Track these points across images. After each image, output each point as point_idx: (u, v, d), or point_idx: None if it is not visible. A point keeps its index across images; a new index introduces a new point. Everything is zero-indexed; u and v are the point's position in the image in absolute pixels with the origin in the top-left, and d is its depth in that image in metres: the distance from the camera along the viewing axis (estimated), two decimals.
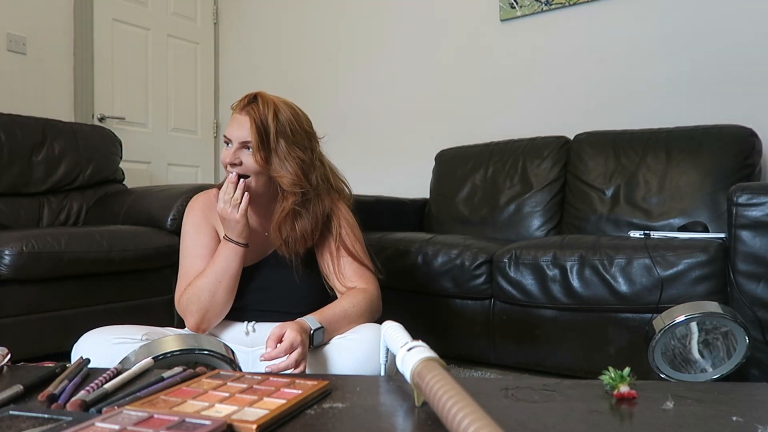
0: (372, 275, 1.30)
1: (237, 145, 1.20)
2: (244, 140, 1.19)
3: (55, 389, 0.66)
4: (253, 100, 1.22)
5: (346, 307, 1.18)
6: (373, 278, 1.30)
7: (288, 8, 3.60)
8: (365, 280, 1.27)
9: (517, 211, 2.42)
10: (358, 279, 1.27)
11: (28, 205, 2.46)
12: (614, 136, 2.32)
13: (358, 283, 1.26)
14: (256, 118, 1.18)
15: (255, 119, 1.18)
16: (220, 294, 1.18)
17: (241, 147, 1.20)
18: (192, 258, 1.27)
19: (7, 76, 2.85)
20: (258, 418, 0.56)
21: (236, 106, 1.23)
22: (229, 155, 1.20)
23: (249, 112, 1.20)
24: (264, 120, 1.19)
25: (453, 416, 0.50)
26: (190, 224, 1.31)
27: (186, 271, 1.26)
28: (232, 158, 1.20)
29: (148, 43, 3.48)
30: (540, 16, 2.71)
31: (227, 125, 1.24)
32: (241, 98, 1.24)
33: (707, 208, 2.00)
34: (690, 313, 1.04)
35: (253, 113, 1.19)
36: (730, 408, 0.66)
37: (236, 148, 1.20)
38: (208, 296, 1.18)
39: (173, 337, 0.82)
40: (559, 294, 1.78)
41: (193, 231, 1.30)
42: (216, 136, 3.87)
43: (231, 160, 1.20)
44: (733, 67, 2.26)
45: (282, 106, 1.23)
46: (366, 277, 1.28)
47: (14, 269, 1.77)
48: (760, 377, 1.46)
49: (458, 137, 2.84)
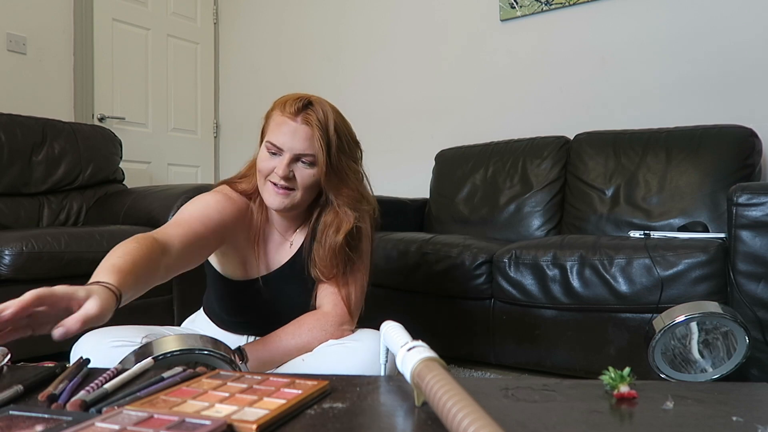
0: (344, 303, 1.12)
1: (291, 156, 1.05)
2: (301, 152, 1.04)
3: (55, 389, 0.66)
4: (309, 105, 1.06)
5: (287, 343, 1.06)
6: (344, 308, 1.12)
7: (288, 8, 3.60)
8: (335, 308, 1.12)
9: (517, 211, 2.42)
10: (331, 304, 1.12)
11: (28, 205, 2.46)
12: (614, 136, 2.32)
13: (325, 304, 1.12)
14: (320, 130, 1.04)
15: (320, 131, 1.04)
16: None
17: (295, 160, 1.06)
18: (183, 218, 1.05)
19: (7, 76, 2.85)
20: (258, 418, 0.56)
21: (285, 110, 1.06)
22: (281, 167, 1.04)
23: (309, 121, 1.04)
24: (326, 131, 1.04)
25: (453, 416, 0.50)
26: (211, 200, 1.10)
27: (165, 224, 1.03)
28: (285, 171, 1.05)
29: (148, 43, 3.48)
30: (540, 16, 2.71)
31: (272, 130, 1.07)
32: (288, 99, 1.07)
33: (707, 208, 2.00)
34: (690, 313, 1.04)
35: (315, 123, 1.04)
36: (730, 408, 0.66)
37: (290, 160, 1.05)
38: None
39: (173, 337, 0.82)
40: (559, 294, 1.78)
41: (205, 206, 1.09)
42: (216, 136, 3.87)
43: (285, 174, 1.05)
44: (733, 67, 2.26)
45: (336, 116, 1.09)
46: (337, 306, 1.12)
47: (14, 269, 1.78)
48: (760, 377, 1.46)
49: (458, 137, 2.84)
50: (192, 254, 1.02)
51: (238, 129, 3.81)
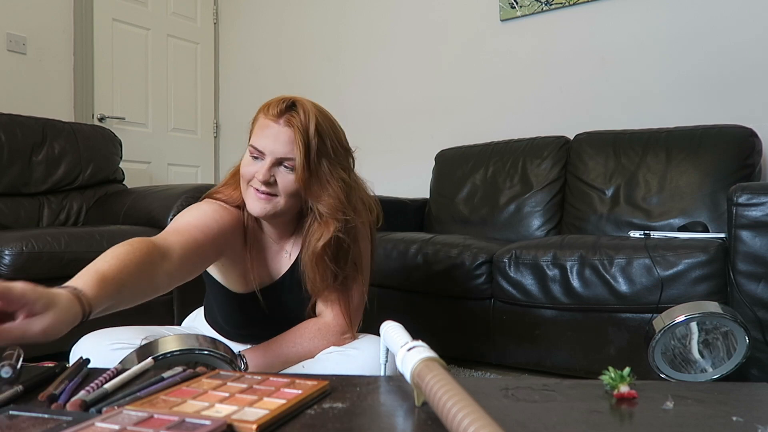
0: (345, 313, 1.12)
1: (272, 160, 1.01)
2: (282, 156, 1.01)
3: (56, 389, 0.66)
4: (292, 107, 1.02)
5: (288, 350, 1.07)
6: (342, 314, 1.12)
7: (288, 8, 3.60)
8: (336, 318, 1.12)
9: (517, 211, 2.42)
10: (332, 314, 1.13)
11: (28, 205, 2.46)
12: (614, 136, 2.32)
13: (326, 314, 1.13)
14: (301, 133, 1.00)
15: (300, 134, 1.00)
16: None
17: (277, 164, 1.02)
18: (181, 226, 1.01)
19: (7, 76, 2.85)
20: (258, 418, 0.56)
21: (269, 112, 1.02)
22: (262, 172, 1.01)
23: (291, 123, 1.01)
24: (306, 134, 1.00)
25: (453, 416, 0.50)
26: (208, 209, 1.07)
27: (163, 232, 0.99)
28: (266, 176, 1.01)
29: (148, 43, 3.48)
30: (540, 16, 2.71)
31: (255, 133, 1.04)
32: (271, 102, 1.04)
33: (707, 208, 2.00)
34: (690, 313, 1.04)
35: (297, 125, 1.00)
36: (730, 408, 0.66)
37: (271, 164, 1.01)
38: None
39: (173, 337, 0.82)
40: (559, 294, 1.78)
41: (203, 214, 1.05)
42: (216, 136, 3.87)
43: (265, 178, 1.01)
44: (733, 67, 2.26)
45: (321, 118, 1.04)
46: (338, 315, 1.12)
47: (14, 269, 1.78)
48: (760, 377, 1.46)
49: (458, 137, 2.84)
50: (193, 263, 0.98)
51: (238, 129, 3.79)
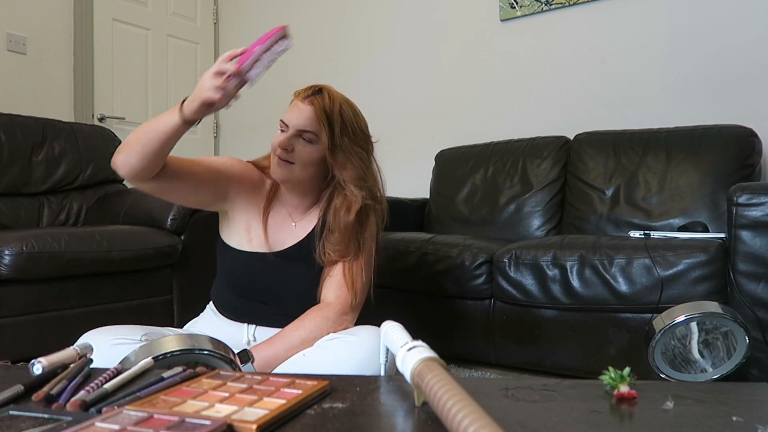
0: (349, 297, 1.19)
1: (293, 131, 1.17)
2: (302, 128, 1.17)
3: (51, 389, 0.66)
4: (318, 92, 1.20)
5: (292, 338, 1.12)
6: (347, 298, 1.19)
7: (288, 8, 3.60)
8: (338, 299, 1.19)
9: (517, 211, 2.42)
10: (334, 295, 1.19)
11: (28, 205, 2.46)
12: (614, 136, 2.32)
13: (329, 296, 1.19)
14: (319, 109, 1.17)
15: (318, 110, 1.17)
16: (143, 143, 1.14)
17: (297, 135, 1.18)
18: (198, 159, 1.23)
19: (7, 76, 2.85)
20: (258, 418, 0.56)
21: (299, 94, 1.21)
22: (283, 140, 1.17)
23: (314, 103, 1.18)
24: (330, 113, 1.18)
25: (453, 416, 0.50)
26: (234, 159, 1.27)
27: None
28: (286, 143, 1.17)
29: (148, 43, 3.48)
30: (540, 16, 2.71)
31: (286, 111, 1.21)
32: (305, 87, 1.22)
33: (707, 208, 2.00)
34: (690, 313, 1.04)
35: (318, 104, 1.18)
36: (730, 408, 0.66)
37: (292, 135, 1.17)
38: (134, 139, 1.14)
39: (173, 337, 0.82)
40: (559, 294, 1.78)
41: (215, 158, 1.26)
42: (216, 136, 3.87)
43: (285, 145, 1.17)
44: (733, 67, 2.26)
45: (345, 105, 1.22)
46: (340, 296, 1.19)
47: (14, 269, 1.77)
48: (760, 377, 1.46)
49: (458, 137, 2.84)
50: (183, 180, 1.18)
51: (238, 129, 3.81)
